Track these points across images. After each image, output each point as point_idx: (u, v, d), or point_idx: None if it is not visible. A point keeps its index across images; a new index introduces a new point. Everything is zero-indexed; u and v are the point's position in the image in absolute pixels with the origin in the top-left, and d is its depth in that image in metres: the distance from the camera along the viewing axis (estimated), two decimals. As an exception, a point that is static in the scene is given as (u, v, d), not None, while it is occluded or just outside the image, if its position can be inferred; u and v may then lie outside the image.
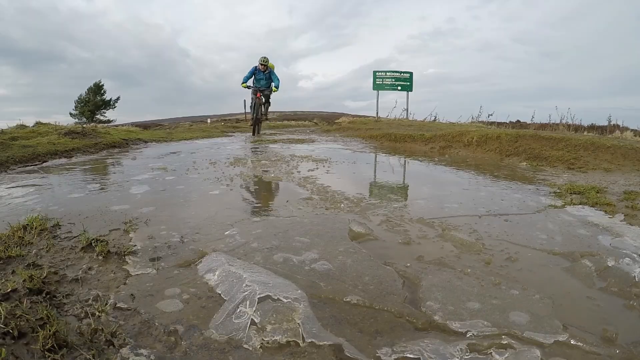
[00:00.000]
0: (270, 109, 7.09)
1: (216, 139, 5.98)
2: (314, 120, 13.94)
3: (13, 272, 0.99)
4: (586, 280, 1.05)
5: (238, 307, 0.86)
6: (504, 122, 8.27)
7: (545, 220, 1.57)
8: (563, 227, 1.49)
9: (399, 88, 9.19)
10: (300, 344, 0.75)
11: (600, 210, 1.74)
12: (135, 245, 1.22)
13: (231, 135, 7.03)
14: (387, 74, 9.18)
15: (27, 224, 1.33)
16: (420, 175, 2.72)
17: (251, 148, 4.35)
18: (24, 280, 0.91)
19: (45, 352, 0.68)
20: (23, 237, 1.23)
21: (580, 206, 1.81)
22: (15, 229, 1.28)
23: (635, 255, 1.20)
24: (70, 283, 0.98)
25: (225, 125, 11.09)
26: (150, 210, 1.62)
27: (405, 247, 1.27)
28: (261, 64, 6.66)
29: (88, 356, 0.68)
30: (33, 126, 6.41)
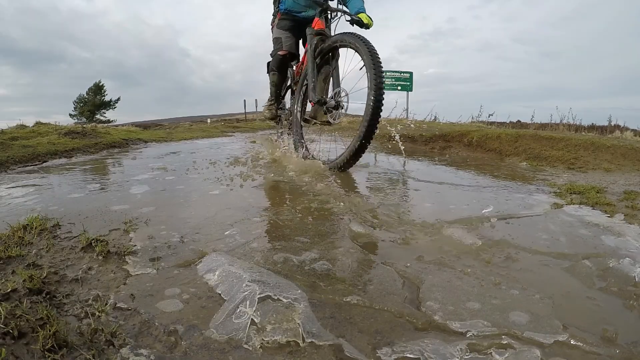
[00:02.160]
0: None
1: (216, 139, 5.98)
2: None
3: (13, 272, 0.99)
4: (586, 280, 1.05)
5: (238, 307, 0.86)
6: (504, 122, 8.29)
7: (546, 221, 1.57)
8: (564, 227, 1.49)
9: (399, 88, 9.20)
10: (300, 344, 0.75)
11: (601, 210, 1.74)
12: (135, 245, 1.22)
13: (231, 135, 7.03)
14: (387, 73, 9.18)
15: (27, 224, 1.33)
16: (420, 175, 2.71)
17: (251, 148, 4.35)
18: (24, 280, 0.91)
19: (45, 352, 0.68)
20: (23, 237, 1.23)
21: (580, 206, 1.81)
22: (15, 229, 1.28)
23: (635, 255, 1.20)
24: (70, 283, 0.98)
25: (225, 125, 11.09)
26: (150, 210, 1.62)
27: (406, 247, 1.27)
28: None
29: (88, 356, 0.68)
30: (33, 126, 6.43)
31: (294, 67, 3.11)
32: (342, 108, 2.49)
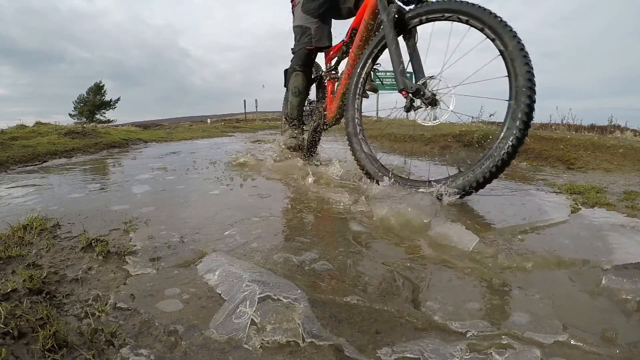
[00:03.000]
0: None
1: (216, 139, 5.99)
2: (314, 120, 13.90)
3: (13, 272, 0.99)
4: (587, 281, 1.05)
5: (238, 307, 0.86)
6: (504, 122, 8.28)
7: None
8: (566, 227, 1.49)
9: (399, 88, 9.17)
10: (300, 344, 0.75)
11: (608, 210, 1.74)
12: (135, 245, 1.22)
13: (231, 135, 7.04)
14: (387, 74, 9.15)
15: (27, 224, 1.33)
16: (421, 175, 2.71)
17: (251, 148, 4.35)
18: (24, 280, 0.91)
19: (45, 352, 0.68)
20: (23, 237, 1.23)
21: (583, 206, 1.81)
22: (15, 229, 1.28)
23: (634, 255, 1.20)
24: (70, 283, 0.98)
25: (226, 125, 11.10)
26: (150, 210, 1.62)
27: (406, 247, 1.27)
28: None
29: (88, 356, 0.68)
30: (33, 126, 6.44)
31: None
32: (440, 105, 1.84)
